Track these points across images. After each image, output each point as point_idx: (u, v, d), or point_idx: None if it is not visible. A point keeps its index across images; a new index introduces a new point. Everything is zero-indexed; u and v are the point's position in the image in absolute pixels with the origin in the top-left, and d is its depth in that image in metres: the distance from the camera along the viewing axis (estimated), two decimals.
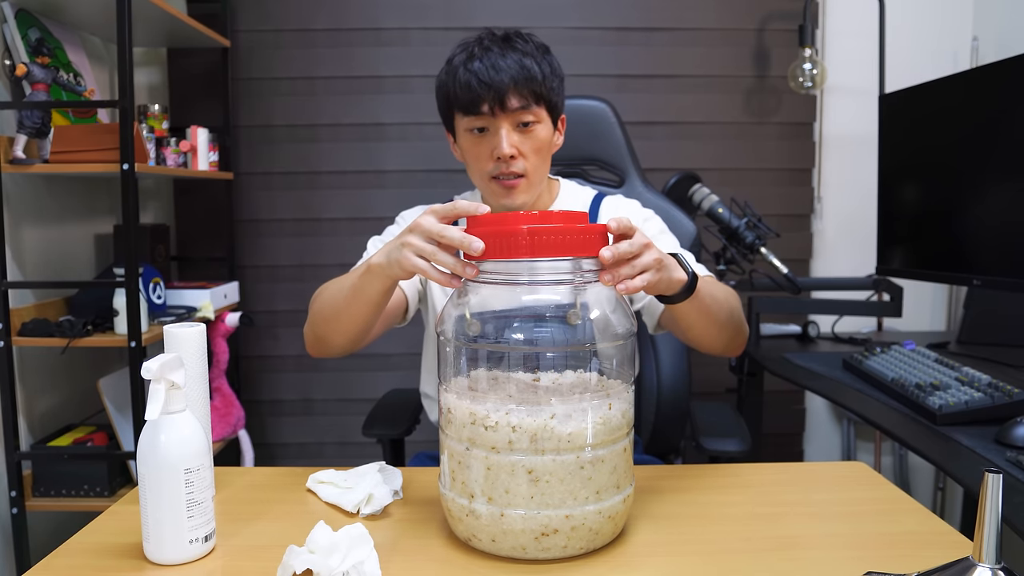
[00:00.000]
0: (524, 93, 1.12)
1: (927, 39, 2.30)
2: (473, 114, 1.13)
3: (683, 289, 0.91)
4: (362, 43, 2.27)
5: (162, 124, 1.97)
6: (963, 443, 1.13)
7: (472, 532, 0.79)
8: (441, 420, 0.83)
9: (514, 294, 0.80)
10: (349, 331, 1.06)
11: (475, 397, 0.79)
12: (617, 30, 2.28)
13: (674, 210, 1.53)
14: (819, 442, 2.43)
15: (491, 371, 0.81)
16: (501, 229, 0.78)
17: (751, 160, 2.31)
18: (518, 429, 0.76)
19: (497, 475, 0.77)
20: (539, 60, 1.14)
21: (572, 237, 0.77)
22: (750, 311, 1.94)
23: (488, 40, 1.14)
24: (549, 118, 1.18)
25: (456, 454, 0.80)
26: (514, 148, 1.14)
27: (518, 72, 1.11)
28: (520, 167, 1.15)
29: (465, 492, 0.79)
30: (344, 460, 1.05)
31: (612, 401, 0.79)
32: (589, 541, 0.78)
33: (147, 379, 0.75)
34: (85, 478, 1.72)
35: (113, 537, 0.84)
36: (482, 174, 1.18)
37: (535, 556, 0.78)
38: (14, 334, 1.65)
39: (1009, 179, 1.46)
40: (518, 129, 1.14)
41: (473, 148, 1.17)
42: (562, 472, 0.76)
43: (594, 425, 0.77)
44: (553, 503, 0.76)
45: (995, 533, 0.61)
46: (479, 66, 1.11)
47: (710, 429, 1.31)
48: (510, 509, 0.76)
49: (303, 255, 2.32)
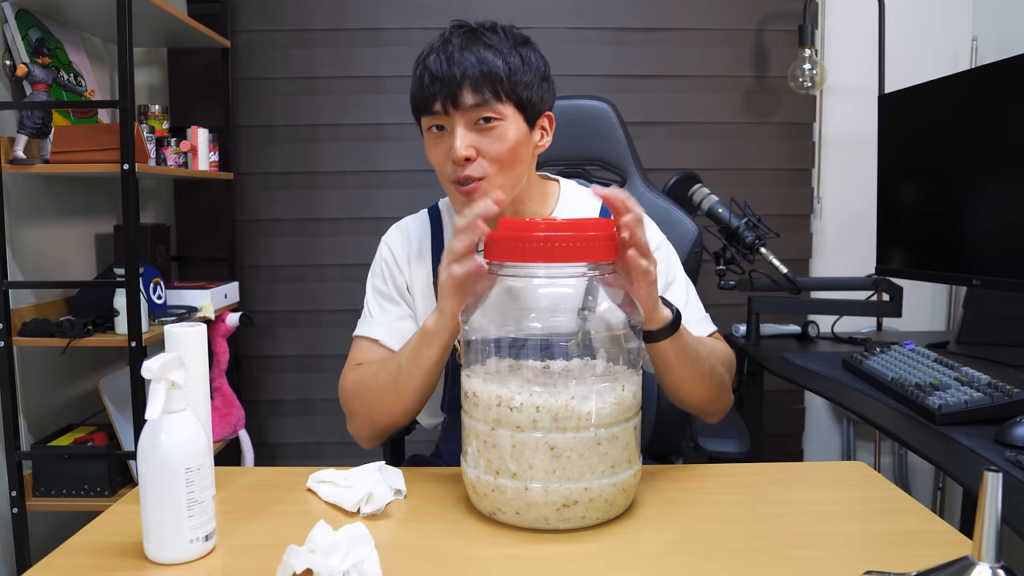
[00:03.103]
0: (481, 88, 1.02)
1: (927, 39, 2.31)
2: (428, 113, 1.05)
3: (666, 326, 0.94)
4: (362, 43, 2.27)
5: (162, 124, 1.98)
6: (963, 443, 1.13)
7: (497, 506, 0.85)
8: (465, 404, 0.89)
9: (531, 287, 0.87)
10: (415, 406, 1.05)
11: (501, 381, 0.85)
12: (617, 30, 2.28)
13: (674, 210, 1.53)
14: (819, 442, 2.43)
15: (506, 359, 0.87)
16: (519, 235, 0.85)
17: (751, 160, 2.31)
18: (541, 409, 0.82)
19: (522, 452, 0.83)
20: (507, 53, 1.04)
21: (585, 243, 0.85)
22: (750, 311, 1.94)
23: (452, 33, 1.06)
24: (520, 116, 1.07)
25: (481, 434, 0.86)
26: (471, 149, 1.03)
27: (473, 66, 1.02)
28: (479, 170, 1.04)
29: (491, 469, 0.85)
30: (344, 460, 1.05)
31: (624, 383, 0.85)
32: (605, 512, 0.85)
33: (147, 379, 0.75)
34: (85, 478, 1.72)
35: (113, 537, 0.84)
36: (443, 178, 1.09)
37: (556, 527, 0.83)
38: (14, 334, 1.65)
39: (1009, 179, 1.46)
40: (477, 127, 1.04)
41: (432, 150, 1.09)
42: (581, 448, 0.82)
43: (609, 405, 0.83)
44: (573, 477, 0.82)
45: (995, 532, 0.61)
46: (433, 61, 1.03)
47: (709, 430, 1.31)
48: (534, 483, 0.82)
49: (303, 255, 2.32)
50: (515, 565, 0.79)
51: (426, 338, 0.98)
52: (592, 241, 0.85)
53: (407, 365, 1.02)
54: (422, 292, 1.18)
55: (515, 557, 0.80)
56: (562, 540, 0.82)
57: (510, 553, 0.81)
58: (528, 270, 0.86)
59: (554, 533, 0.83)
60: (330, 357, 2.33)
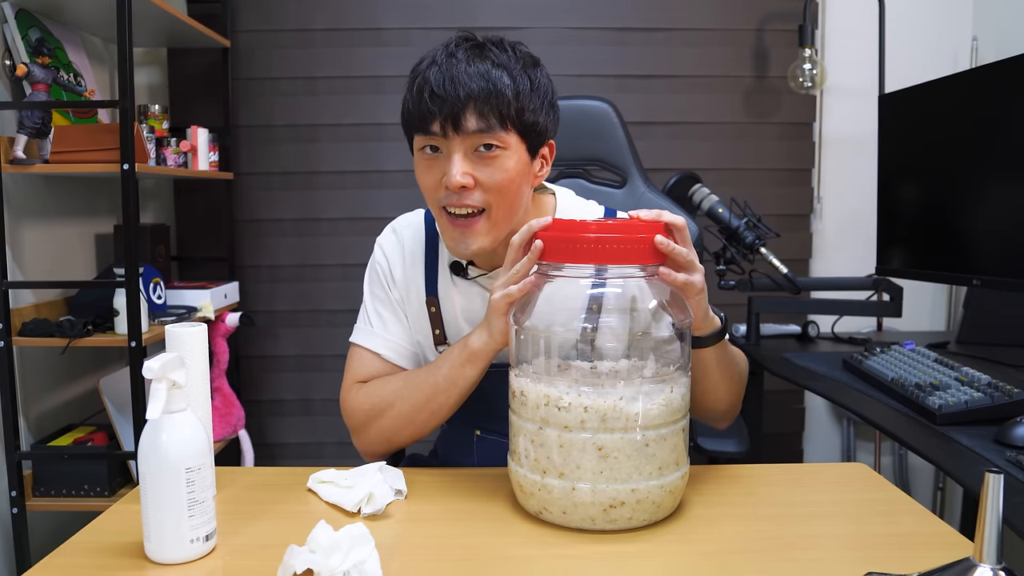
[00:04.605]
0: (485, 113, 0.93)
1: (927, 39, 2.31)
2: (424, 132, 0.96)
3: (715, 332, 0.95)
4: (362, 43, 2.27)
5: (162, 124, 1.97)
6: (963, 443, 1.13)
7: (544, 505, 0.85)
8: (513, 403, 0.89)
9: (580, 287, 0.87)
10: (437, 422, 1.04)
11: (549, 381, 0.85)
12: (617, 30, 2.28)
13: (675, 210, 1.53)
14: (819, 442, 2.43)
15: (554, 359, 0.88)
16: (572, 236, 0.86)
17: (751, 160, 2.31)
18: (589, 409, 0.82)
19: (569, 452, 0.83)
20: (516, 74, 0.95)
21: (635, 246, 0.85)
22: (750, 311, 1.94)
23: (457, 45, 0.96)
24: (523, 145, 0.98)
25: (529, 433, 0.86)
26: (468, 177, 0.94)
27: (480, 86, 0.92)
28: (477, 200, 0.96)
29: (538, 468, 0.85)
30: (344, 460, 1.05)
31: (673, 385, 0.85)
32: (652, 513, 0.85)
33: (148, 378, 0.75)
34: (85, 478, 1.72)
35: (113, 537, 0.84)
36: (432, 202, 1.00)
37: (603, 527, 0.84)
38: (14, 334, 1.65)
39: (1009, 179, 1.46)
40: (478, 154, 0.95)
41: (423, 173, 0.99)
42: (628, 449, 0.82)
43: (657, 406, 0.83)
44: (620, 477, 0.82)
45: (996, 533, 0.61)
46: (435, 75, 0.94)
47: (709, 430, 1.31)
48: (581, 483, 0.82)
49: (303, 255, 2.32)
50: (516, 566, 0.78)
51: (472, 358, 0.98)
52: (642, 243, 0.85)
53: (445, 384, 1.00)
54: (416, 303, 1.14)
55: (519, 559, 0.80)
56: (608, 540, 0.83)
57: (511, 554, 0.81)
58: (577, 271, 0.87)
59: (599, 534, 0.83)
60: (330, 357, 2.33)
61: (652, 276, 0.87)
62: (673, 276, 0.86)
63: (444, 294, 1.12)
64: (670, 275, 0.86)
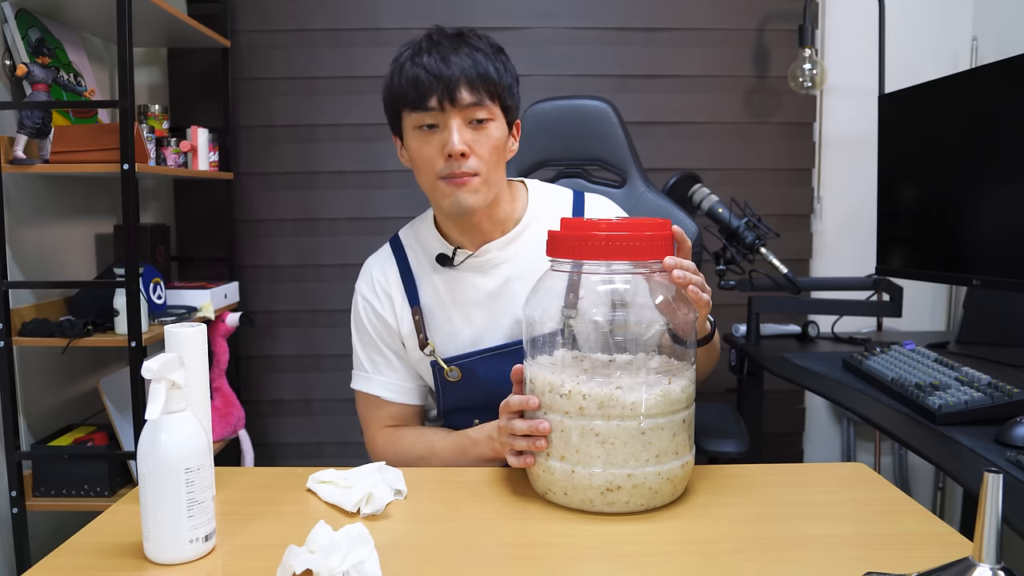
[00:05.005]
0: (477, 87, 1.06)
1: (927, 39, 2.30)
2: (421, 109, 1.06)
3: (704, 337, 1.07)
4: (362, 43, 2.27)
5: (162, 124, 1.98)
6: (963, 443, 1.13)
7: (548, 486, 0.91)
8: (524, 391, 0.96)
9: (591, 282, 0.92)
10: None
11: (554, 369, 0.91)
12: (617, 30, 2.28)
13: (674, 210, 1.53)
14: (819, 442, 2.43)
15: (571, 351, 0.93)
16: (585, 234, 0.90)
17: (751, 160, 2.31)
18: (588, 397, 0.87)
19: (569, 437, 0.89)
20: (491, 57, 1.09)
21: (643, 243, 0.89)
22: (750, 311, 1.94)
23: (438, 36, 1.10)
24: (504, 118, 1.12)
25: (535, 419, 0.92)
26: (466, 145, 1.06)
27: (470, 66, 1.06)
28: (473, 166, 1.07)
29: (542, 451, 0.91)
30: (344, 460, 1.05)
31: (673, 377, 0.90)
32: (649, 499, 0.88)
33: (148, 378, 0.75)
34: (85, 478, 1.72)
35: (113, 537, 0.84)
36: (431, 176, 1.10)
37: (601, 509, 0.88)
38: (14, 334, 1.65)
39: (1009, 179, 1.46)
40: (471, 126, 1.08)
41: (422, 147, 1.09)
42: (625, 436, 0.87)
43: (655, 397, 0.87)
44: (617, 463, 0.87)
45: (995, 533, 0.61)
46: (428, 60, 1.06)
47: (709, 430, 1.31)
48: (580, 467, 0.88)
49: (303, 255, 2.32)
50: (516, 566, 0.78)
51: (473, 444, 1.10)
52: (649, 240, 0.89)
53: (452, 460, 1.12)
54: (407, 324, 1.20)
55: (519, 559, 0.80)
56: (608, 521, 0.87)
57: (511, 554, 0.81)
58: (589, 267, 0.91)
59: (600, 536, 0.85)
60: (330, 357, 2.33)
61: (657, 272, 0.92)
62: (699, 295, 0.92)
63: (428, 294, 1.19)
64: (697, 294, 0.92)
